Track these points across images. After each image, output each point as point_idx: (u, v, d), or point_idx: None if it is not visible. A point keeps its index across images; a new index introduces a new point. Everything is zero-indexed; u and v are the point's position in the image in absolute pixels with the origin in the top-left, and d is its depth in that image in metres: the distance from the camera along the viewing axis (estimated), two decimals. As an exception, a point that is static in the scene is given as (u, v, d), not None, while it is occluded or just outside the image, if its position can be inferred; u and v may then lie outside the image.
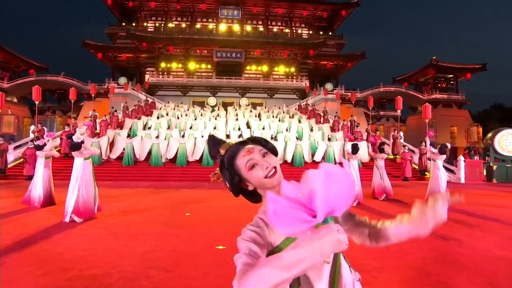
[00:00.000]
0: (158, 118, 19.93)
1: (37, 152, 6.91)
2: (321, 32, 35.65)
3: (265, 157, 0.95)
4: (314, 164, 14.28)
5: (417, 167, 13.60)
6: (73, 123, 16.29)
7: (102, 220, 5.53)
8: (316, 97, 29.04)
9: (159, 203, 7.17)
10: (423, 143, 13.51)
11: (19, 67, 36.11)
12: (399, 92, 37.33)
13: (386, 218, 1.01)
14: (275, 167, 0.93)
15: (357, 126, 17.68)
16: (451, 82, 38.43)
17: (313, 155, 14.41)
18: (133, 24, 33.90)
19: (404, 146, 13.30)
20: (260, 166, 0.93)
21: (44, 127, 14.31)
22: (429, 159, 13.49)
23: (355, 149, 8.37)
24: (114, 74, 33.59)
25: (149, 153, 13.28)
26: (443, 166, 8.05)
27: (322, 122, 23.24)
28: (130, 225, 5.17)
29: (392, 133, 15.78)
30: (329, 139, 14.66)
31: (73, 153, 5.76)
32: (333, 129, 21.03)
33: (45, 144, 6.94)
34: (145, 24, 34.41)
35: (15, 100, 35.57)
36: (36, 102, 13.74)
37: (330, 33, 35.84)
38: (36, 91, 13.47)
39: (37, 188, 6.65)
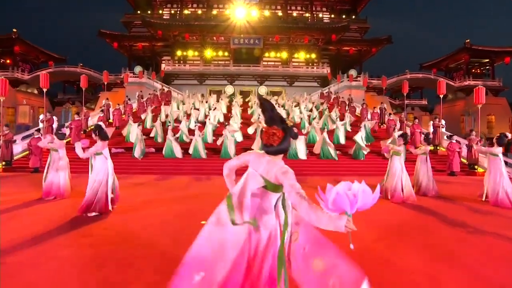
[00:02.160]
0: (178, 108, 18.78)
1: (39, 143, 6.65)
2: (343, 16, 33.26)
3: None
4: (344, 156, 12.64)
5: (465, 160, 11.70)
6: (84, 112, 15.30)
7: (95, 230, 4.23)
8: (339, 84, 27.00)
9: (170, 204, 5.85)
10: (473, 133, 11.57)
11: (38, 59, 35.89)
12: (428, 79, 34.56)
13: None
14: None
15: (389, 114, 15.76)
16: (487, 67, 35.15)
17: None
18: (149, 12, 32.73)
19: (450, 136, 11.41)
20: None
21: (53, 117, 13.36)
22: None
23: (405, 139, 6.78)
24: (130, 63, 32.72)
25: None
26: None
27: (347, 110, 21.36)
28: (127, 240, 3.82)
29: (433, 122, 13.80)
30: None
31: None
32: (359, 119, 19.17)
33: (64, 134, 6.66)
34: (160, 11, 33.16)
35: (35, 91, 35.51)
36: (44, 90, 12.74)
37: (353, 17, 33.38)
38: (43, 78, 12.45)
39: (53, 180, 6.27)
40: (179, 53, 31.30)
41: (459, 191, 7.86)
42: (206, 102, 19.56)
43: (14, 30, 32.04)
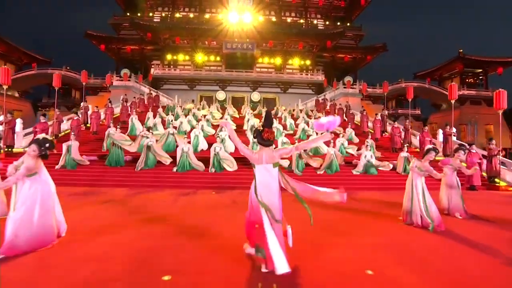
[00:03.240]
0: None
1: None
2: (338, 23, 32.25)
3: None
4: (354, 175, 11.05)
5: (484, 173, 10.27)
6: (57, 114, 13.42)
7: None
8: (336, 91, 25.72)
9: (128, 237, 4.09)
10: (492, 142, 10.18)
11: (21, 60, 33.70)
12: (422, 88, 33.72)
13: None
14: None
15: (394, 122, 14.36)
16: (480, 77, 34.56)
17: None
18: (138, 14, 31.08)
19: (470, 145, 9.99)
20: None
21: (17, 119, 11.47)
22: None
23: (437, 152, 5.22)
24: (118, 67, 30.86)
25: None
26: None
27: (349, 124, 19.96)
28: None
29: (443, 130, 12.41)
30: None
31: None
32: (359, 127, 17.78)
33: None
34: (150, 14, 31.59)
35: (16, 94, 33.23)
36: (5, 87, 10.88)
37: (348, 24, 32.41)
38: (3, 72, 10.62)
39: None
40: (169, 57, 29.63)
41: (496, 211, 6.33)
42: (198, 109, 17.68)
43: (-4, 30, 30.05)
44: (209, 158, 9.80)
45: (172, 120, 13.93)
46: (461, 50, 32.86)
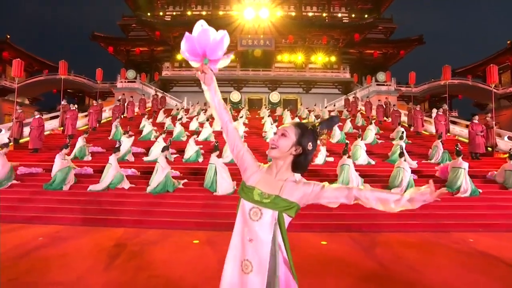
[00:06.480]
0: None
1: None
2: (365, 16, 27.90)
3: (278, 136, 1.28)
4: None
5: None
6: (18, 113, 10.09)
7: None
8: (370, 89, 21.33)
9: None
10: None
11: (32, 67, 31.64)
12: (465, 85, 28.38)
13: None
14: (275, 145, 1.26)
15: (472, 115, 9.93)
16: (535, 72, 28.86)
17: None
18: (148, 14, 28.20)
19: None
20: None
21: None
22: None
23: None
24: (127, 70, 27.96)
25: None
26: None
27: (387, 117, 15.62)
28: None
29: None
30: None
31: None
32: (409, 128, 13.44)
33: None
34: (161, 13, 28.62)
35: (26, 101, 31.21)
36: None
37: (376, 16, 27.99)
38: None
39: None
40: (179, 57, 26.33)
41: None
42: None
43: (8, 36, 28.24)
44: (204, 170, 5.85)
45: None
46: (509, 41, 27.58)
